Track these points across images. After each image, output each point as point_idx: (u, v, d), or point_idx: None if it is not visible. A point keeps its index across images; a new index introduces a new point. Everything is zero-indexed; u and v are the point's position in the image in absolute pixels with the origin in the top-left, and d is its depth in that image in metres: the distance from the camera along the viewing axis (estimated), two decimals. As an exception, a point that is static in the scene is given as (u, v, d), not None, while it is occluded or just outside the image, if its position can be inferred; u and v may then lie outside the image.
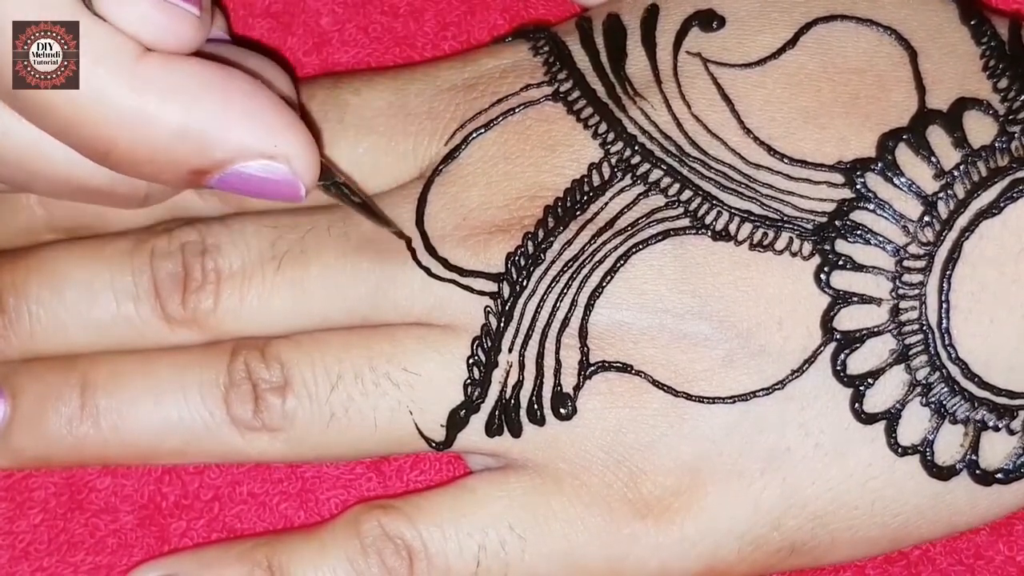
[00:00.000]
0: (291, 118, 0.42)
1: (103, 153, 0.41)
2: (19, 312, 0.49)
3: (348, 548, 0.47)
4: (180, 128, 0.40)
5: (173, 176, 0.42)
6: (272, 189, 0.42)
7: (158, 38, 0.40)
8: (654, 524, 0.45)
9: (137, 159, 0.41)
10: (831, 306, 0.44)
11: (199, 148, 0.41)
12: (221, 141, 0.41)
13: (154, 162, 0.41)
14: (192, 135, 0.40)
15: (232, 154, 0.41)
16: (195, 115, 0.40)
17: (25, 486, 0.50)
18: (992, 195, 0.44)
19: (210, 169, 0.41)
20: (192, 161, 0.41)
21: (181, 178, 0.42)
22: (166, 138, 0.40)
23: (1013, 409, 0.45)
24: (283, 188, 0.42)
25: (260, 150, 0.41)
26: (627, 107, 0.47)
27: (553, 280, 0.46)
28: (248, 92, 0.41)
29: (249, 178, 0.42)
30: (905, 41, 0.46)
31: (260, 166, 0.42)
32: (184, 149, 0.41)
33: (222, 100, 0.41)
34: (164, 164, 0.41)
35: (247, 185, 0.42)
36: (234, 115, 0.41)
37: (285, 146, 0.42)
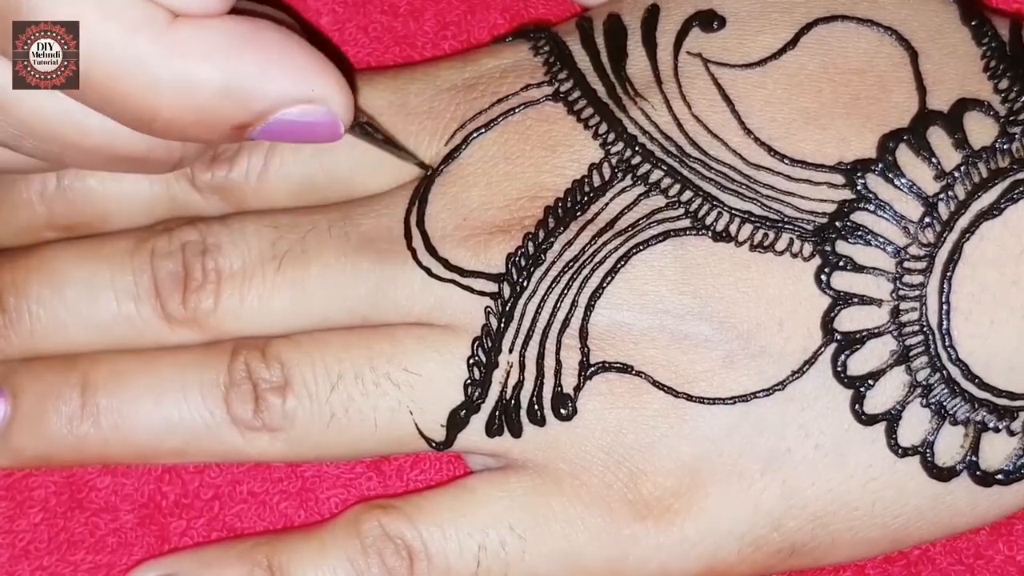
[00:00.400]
0: (322, 61, 0.42)
1: (148, 121, 0.41)
2: (19, 311, 0.49)
3: (348, 548, 0.47)
4: (221, 87, 0.40)
5: (216, 134, 0.42)
6: (312, 132, 0.43)
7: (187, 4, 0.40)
8: (654, 525, 0.45)
9: (182, 123, 0.41)
10: (831, 307, 0.44)
11: (241, 103, 0.41)
12: (261, 93, 0.41)
13: (199, 123, 0.41)
14: (233, 92, 0.41)
15: (273, 104, 0.41)
16: (233, 72, 0.40)
17: (25, 485, 0.50)
18: (993, 196, 0.44)
19: (253, 122, 0.42)
20: (236, 117, 0.41)
21: (224, 135, 0.42)
22: (208, 99, 0.40)
23: (1013, 410, 0.45)
24: (323, 129, 0.43)
25: (299, 96, 0.42)
26: (627, 107, 0.47)
27: (553, 281, 0.46)
28: (279, 41, 0.41)
29: (290, 124, 0.42)
30: (906, 42, 0.46)
31: (300, 111, 0.42)
32: (227, 106, 0.41)
33: (257, 53, 0.41)
34: (208, 124, 0.41)
35: (289, 131, 0.42)
36: (271, 66, 0.41)
37: (321, 88, 0.42)
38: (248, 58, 0.41)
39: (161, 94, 0.40)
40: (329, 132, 0.43)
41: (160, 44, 0.39)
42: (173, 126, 0.41)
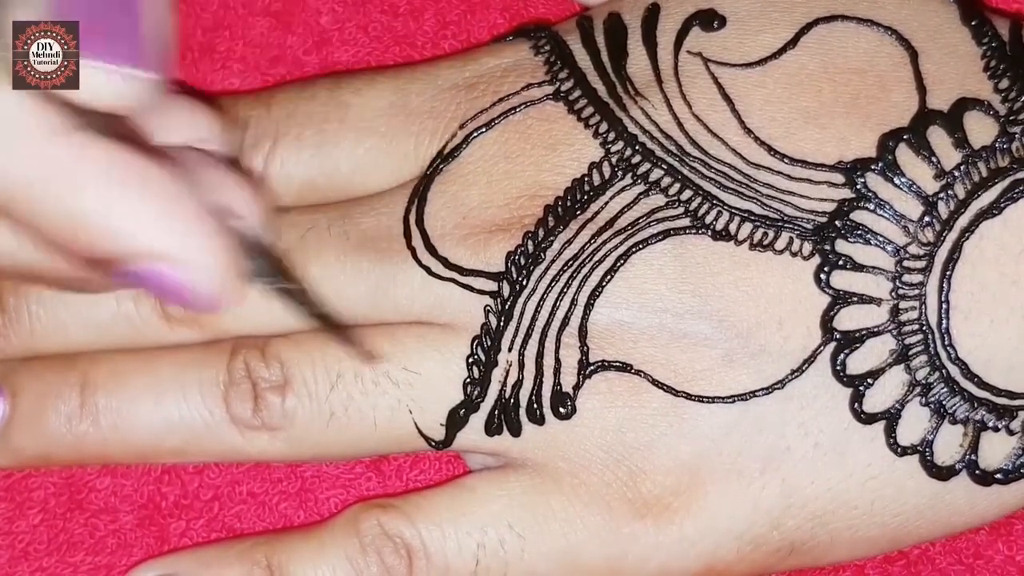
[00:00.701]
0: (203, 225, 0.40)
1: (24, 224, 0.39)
2: (19, 311, 0.49)
3: (347, 547, 0.47)
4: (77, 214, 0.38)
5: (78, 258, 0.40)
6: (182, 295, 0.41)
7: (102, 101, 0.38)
8: (653, 523, 0.45)
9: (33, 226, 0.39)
10: (831, 306, 0.44)
11: (103, 237, 0.39)
12: (129, 236, 0.39)
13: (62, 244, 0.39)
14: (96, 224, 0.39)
15: (140, 251, 0.39)
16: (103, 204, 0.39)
17: (24, 486, 0.50)
18: (992, 195, 0.44)
19: (113, 262, 0.40)
20: (97, 249, 0.39)
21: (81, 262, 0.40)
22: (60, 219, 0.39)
23: (1013, 409, 0.45)
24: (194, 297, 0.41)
25: (164, 253, 0.39)
26: (628, 106, 0.47)
27: (553, 279, 0.46)
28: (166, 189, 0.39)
29: (158, 279, 0.40)
30: (906, 41, 0.46)
31: (165, 269, 0.40)
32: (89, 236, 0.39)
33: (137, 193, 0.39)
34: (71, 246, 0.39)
35: (154, 285, 0.40)
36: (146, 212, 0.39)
37: (197, 255, 0.40)
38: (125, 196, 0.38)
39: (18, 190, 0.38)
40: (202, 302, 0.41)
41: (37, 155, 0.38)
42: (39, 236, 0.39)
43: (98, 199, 0.39)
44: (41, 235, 0.40)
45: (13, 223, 0.40)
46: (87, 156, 0.39)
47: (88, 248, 0.39)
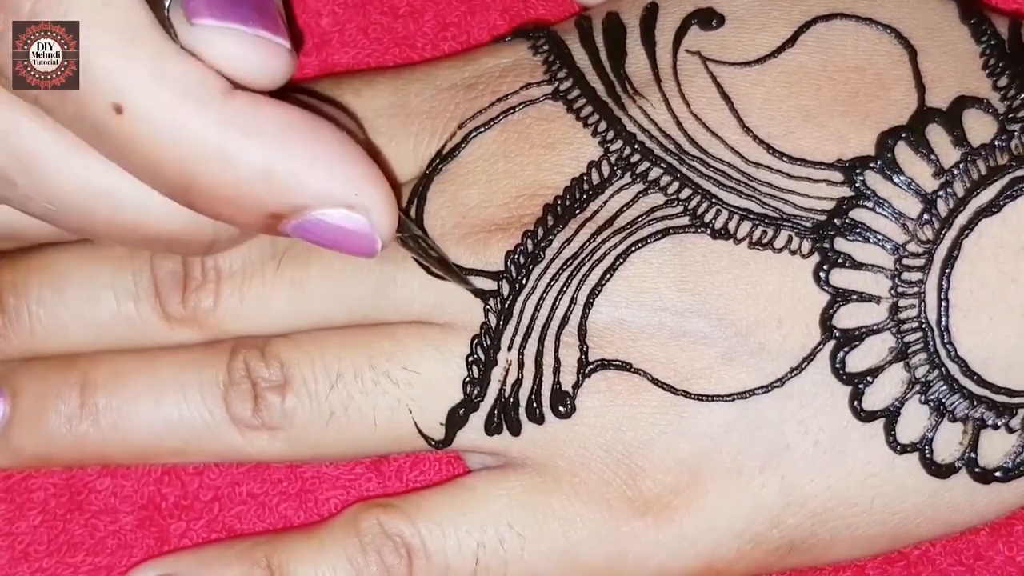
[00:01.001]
0: (374, 170, 0.42)
1: (183, 189, 0.40)
2: (19, 311, 0.49)
3: (347, 546, 0.47)
4: (264, 169, 0.40)
5: (251, 218, 0.41)
6: (348, 241, 0.42)
7: (249, 73, 0.40)
8: (653, 522, 0.45)
9: (217, 197, 0.40)
10: (830, 304, 0.44)
11: (281, 191, 0.40)
12: (304, 186, 0.40)
13: (234, 202, 0.40)
14: (275, 178, 0.40)
15: (313, 200, 0.41)
16: (280, 158, 0.40)
17: (25, 487, 0.50)
18: (991, 193, 0.44)
19: (289, 214, 0.41)
20: (272, 204, 0.41)
21: (258, 221, 0.41)
22: (248, 178, 0.40)
23: (1012, 407, 0.45)
24: (360, 240, 0.42)
25: (341, 199, 0.41)
26: (627, 106, 0.47)
27: (552, 278, 0.46)
28: (333, 140, 0.41)
29: (327, 227, 0.41)
30: (905, 39, 0.46)
31: (340, 215, 0.41)
32: (265, 191, 0.40)
33: (308, 145, 0.40)
34: (243, 205, 0.41)
35: (324, 233, 0.42)
36: (319, 162, 0.40)
37: (366, 198, 0.41)
38: (297, 148, 0.40)
39: (200, 163, 0.39)
40: (366, 245, 0.42)
41: (210, 113, 0.39)
42: (207, 199, 0.40)
43: (279, 152, 0.40)
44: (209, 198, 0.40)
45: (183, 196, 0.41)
46: (262, 112, 0.40)
47: (267, 204, 0.40)
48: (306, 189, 0.40)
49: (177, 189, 0.41)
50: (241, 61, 0.40)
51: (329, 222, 0.41)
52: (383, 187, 0.42)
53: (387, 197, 0.42)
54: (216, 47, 0.39)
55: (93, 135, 0.40)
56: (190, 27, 0.39)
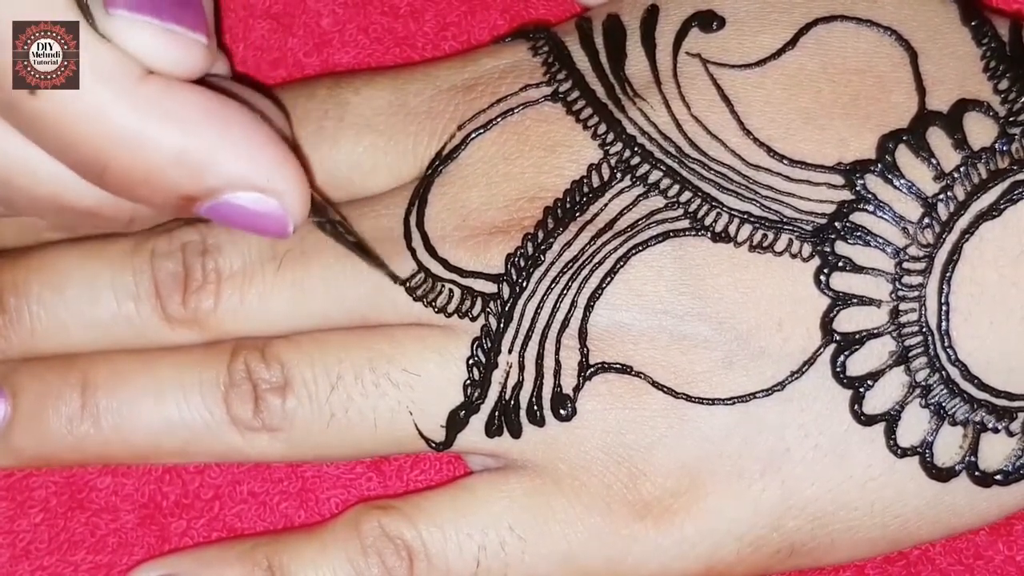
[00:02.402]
0: (286, 154, 0.42)
1: (98, 172, 0.41)
2: (20, 311, 0.49)
3: (348, 548, 0.47)
4: (177, 153, 0.40)
5: (164, 200, 0.42)
6: (260, 223, 0.43)
7: (163, 64, 0.40)
8: (654, 525, 0.45)
9: (131, 180, 0.41)
10: (831, 307, 0.44)
11: (193, 174, 0.41)
12: (216, 169, 0.41)
13: (147, 184, 0.41)
14: (188, 161, 0.40)
15: (225, 183, 0.41)
16: (192, 141, 0.40)
17: (25, 485, 0.50)
18: (992, 197, 0.44)
19: (201, 196, 0.42)
20: (185, 186, 0.41)
21: (171, 203, 0.42)
22: (162, 161, 0.40)
23: (1012, 411, 0.45)
24: (271, 223, 0.43)
25: (253, 182, 0.41)
26: (627, 108, 0.46)
27: (553, 281, 0.45)
28: (246, 124, 0.42)
29: (239, 209, 0.42)
30: (905, 42, 0.46)
31: (251, 198, 0.42)
32: (178, 174, 0.41)
33: (220, 129, 0.41)
34: (157, 187, 0.41)
35: (236, 216, 0.42)
36: (230, 145, 0.41)
37: (278, 181, 0.42)
38: (209, 132, 0.41)
39: (115, 146, 0.40)
40: (277, 227, 0.43)
41: (126, 97, 0.39)
42: (122, 181, 0.41)
43: (192, 136, 0.40)
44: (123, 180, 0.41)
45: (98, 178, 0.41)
46: (176, 96, 0.40)
47: (180, 187, 0.41)
48: (218, 173, 0.41)
49: (90, 171, 0.41)
50: (155, 53, 0.40)
51: (241, 204, 0.42)
52: (295, 172, 0.42)
53: (299, 181, 0.42)
54: (130, 37, 0.40)
55: (7, 111, 0.41)
56: (107, 15, 0.39)
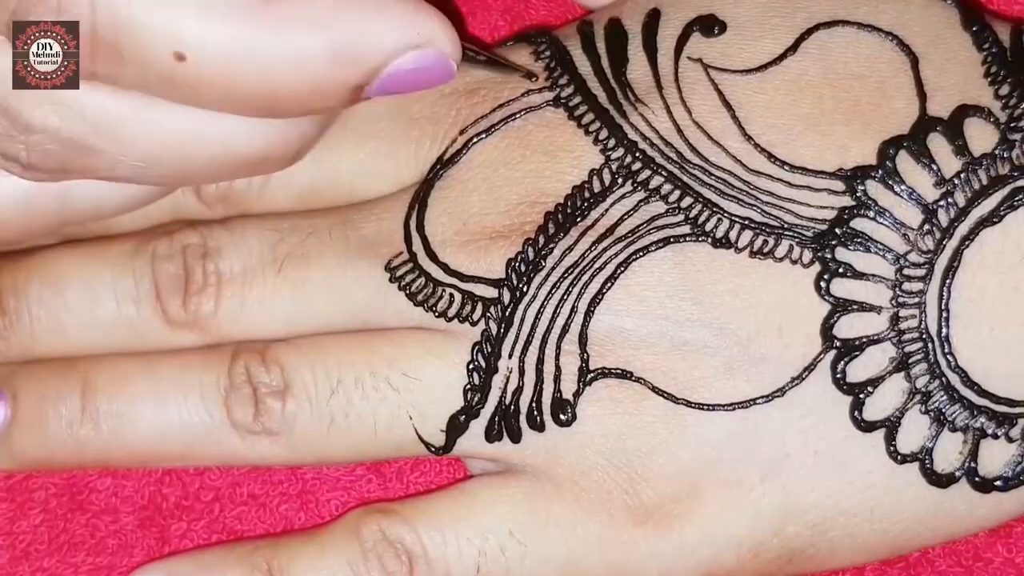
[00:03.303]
0: (420, 2, 0.42)
1: (268, 104, 0.41)
2: (20, 313, 0.49)
3: (348, 552, 0.47)
4: (331, 52, 0.40)
5: (335, 100, 0.41)
6: (427, 76, 0.42)
7: None
8: (654, 531, 0.45)
9: (302, 97, 0.41)
10: (831, 314, 0.44)
11: (354, 63, 0.40)
12: (372, 49, 0.40)
13: (316, 93, 0.41)
14: (344, 54, 0.40)
15: (385, 57, 0.41)
16: (340, 35, 0.40)
17: (26, 487, 0.50)
18: (993, 203, 0.44)
19: (368, 79, 0.41)
20: (351, 78, 0.41)
21: (343, 98, 0.41)
22: (322, 67, 0.40)
23: (1012, 417, 0.45)
24: (437, 71, 0.42)
25: (408, 43, 0.41)
26: (628, 113, 0.46)
27: (553, 286, 0.45)
28: None
29: (405, 74, 0.41)
30: (906, 47, 0.46)
31: (412, 59, 0.41)
32: (340, 70, 0.40)
33: (357, 11, 0.40)
34: (326, 92, 0.41)
35: (404, 81, 0.42)
36: (374, 21, 0.40)
37: (427, 30, 0.41)
38: (350, 17, 0.40)
39: (276, 74, 0.40)
40: (443, 72, 0.42)
41: (262, 26, 0.39)
42: (294, 103, 0.41)
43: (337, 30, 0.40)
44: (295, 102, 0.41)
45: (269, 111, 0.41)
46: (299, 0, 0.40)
47: (347, 80, 0.41)
48: (376, 51, 0.40)
49: (261, 108, 0.41)
50: None
51: (406, 68, 0.41)
52: (435, 14, 0.42)
53: (442, 21, 0.42)
54: None
55: (163, 88, 0.40)
56: None
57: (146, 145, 0.42)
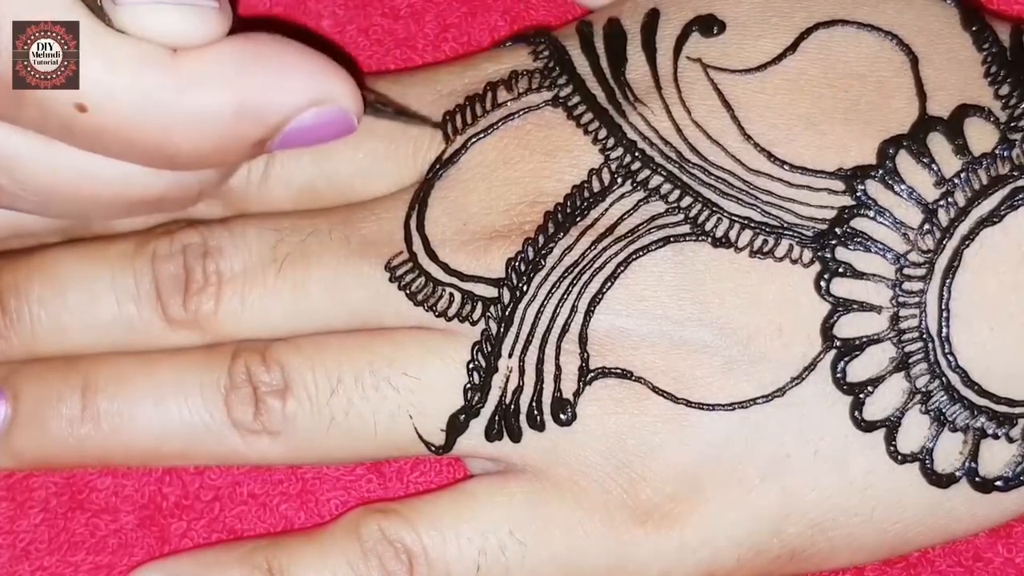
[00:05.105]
0: (323, 59, 0.42)
1: (169, 158, 0.41)
2: (20, 313, 0.49)
3: (348, 552, 0.47)
4: (235, 109, 0.41)
5: (237, 156, 0.42)
6: (328, 131, 0.43)
7: (184, 39, 0.40)
8: (654, 530, 0.45)
9: (202, 153, 0.41)
10: (831, 313, 0.44)
11: (256, 120, 0.41)
12: (274, 106, 0.41)
13: (218, 149, 0.41)
14: (247, 111, 0.41)
15: (287, 114, 0.42)
16: (243, 92, 0.41)
17: (26, 485, 0.50)
18: (993, 203, 0.44)
19: (270, 135, 0.42)
20: (253, 134, 0.41)
21: (243, 155, 0.42)
22: (224, 123, 0.41)
23: (1013, 417, 0.44)
24: (338, 126, 0.43)
25: (310, 99, 0.42)
26: (627, 113, 0.46)
27: (553, 286, 0.45)
28: (279, 51, 0.42)
29: (306, 129, 0.42)
30: (906, 47, 0.46)
31: (313, 115, 0.42)
32: (243, 127, 0.41)
33: (262, 68, 0.41)
34: (228, 147, 0.41)
35: (306, 136, 0.43)
36: (277, 77, 0.41)
37: (328, 88, 0.42)
38: (255, 75, 0.41)
39: (178, 129, 0.40)
40: (344, 127, 0.43)
41: (168, 80, 0.40)
42: (193, 158, 0.41)
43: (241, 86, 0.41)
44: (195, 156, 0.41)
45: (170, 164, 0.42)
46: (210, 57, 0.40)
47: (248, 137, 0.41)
48: (277, 108, 0.41)
49: (161, 160, 0.41)
50: (172, 30, 0.40)
51: (307, 124, 0.42)
52: (337, 70, 0.42)
53: (344, 77, 0.43)
54: (146, 22, 0.40)
55: (63, 135, 0.41)
56: (117, 8, 0.39)
57: (43, 183, 0.42)
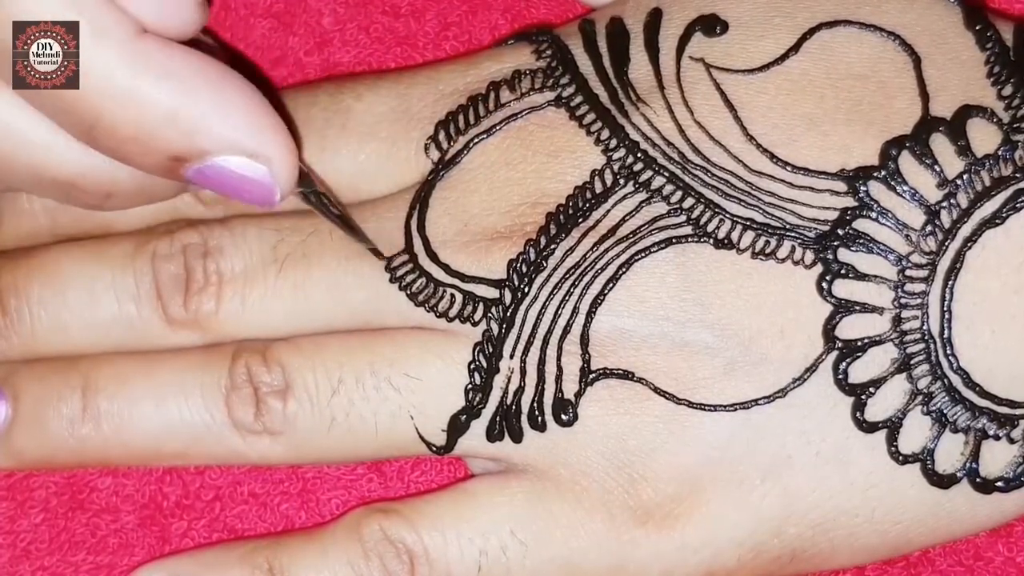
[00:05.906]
0: (277, 123, 0.42)
1: (88, 126, 0.41)
2: (21, 313, 0.49)
3: (349, 552, 0.47)
4: (170, 111, 0.40)
5: (153, 159, 0.41)
6: (247, 188, 0.42)
7: (158, 19, 0.40)
8: (655, 531, 0.45)
9: (121, 136, 0.41)
10: (833, 315, 0.44)
11: (184, 134, 0.41)
12: (207, 131, 0.41)
13: (137, 141, 0.41)
14: (180, 120, 0.40)
15: (215, 145, 0.41)
16: (186, 101, 0.40)
17: (26, 485, 0.50)
18: (995, 205, 0.44)
19: (191, 157, 0.41)
20: (175, 146, 0.41)
21: (160, 163, 0.42)
22: (154, 119, 0.40)
23: (1014, 418, 0.45)
24: (258, 189, 0.42)
25: (243, 147, 0.41)
26: (630, 113, 0.46)
27: (555, 287, 0.45)
28: (240, 90, 0.42)
29: (228, 174, 0.42)
30: (909, 47, 0.46)
31: (240, 163, 0.42)
32: (169, 133, 0.41)
33: (214, 92, 0.41)
34: (147, 145, 0.41)
35: (223, 180, 0.42)
36: (224, 108, 0.41)
37: (268, 147, 0.42)
38: (204, 93, 0.41)
39: (108, 99, 0.40)
40: (264, 194, 0.43)
41: (122, 52, 0.40)
42: (112, 137, 0.41)
43: (186, 95, 0.40)
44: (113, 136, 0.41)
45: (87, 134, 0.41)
46: (172, 55, 0.40)
47: (170, 145, 0.41)
48: (209, 135, 0.41)
49: (82, 126, 0.41)
50: (150, 10, 0.40)
51: (230, 169, 0.42)
52: (285, 139, 0.42)
53: (288, 149, 0.42)
54: None
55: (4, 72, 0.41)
56: None
57: None
